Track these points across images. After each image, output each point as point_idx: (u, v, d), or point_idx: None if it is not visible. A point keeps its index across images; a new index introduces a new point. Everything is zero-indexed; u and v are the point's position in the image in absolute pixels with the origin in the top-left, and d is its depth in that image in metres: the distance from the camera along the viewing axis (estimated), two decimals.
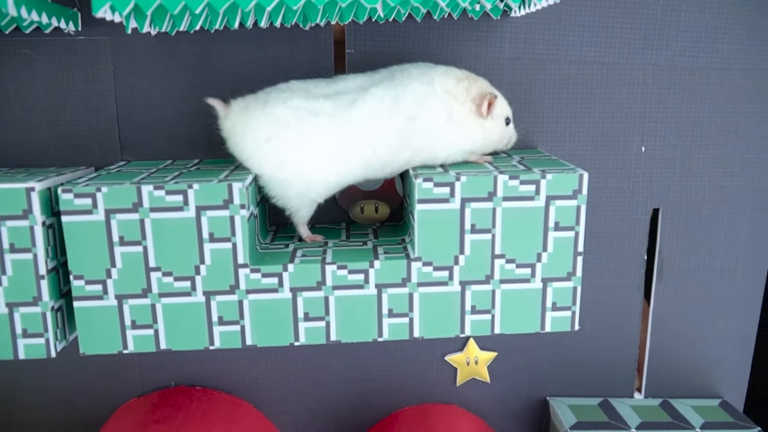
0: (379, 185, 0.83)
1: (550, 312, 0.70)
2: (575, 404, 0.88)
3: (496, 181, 0.66)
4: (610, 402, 0.90)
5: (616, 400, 0.90)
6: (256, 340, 0.69)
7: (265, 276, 0.67)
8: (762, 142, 0.85)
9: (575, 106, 0.81)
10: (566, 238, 0.68)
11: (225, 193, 0.65)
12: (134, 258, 0.66)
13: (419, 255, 0.67)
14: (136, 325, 0.67)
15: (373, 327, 0.69)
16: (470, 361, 0.89)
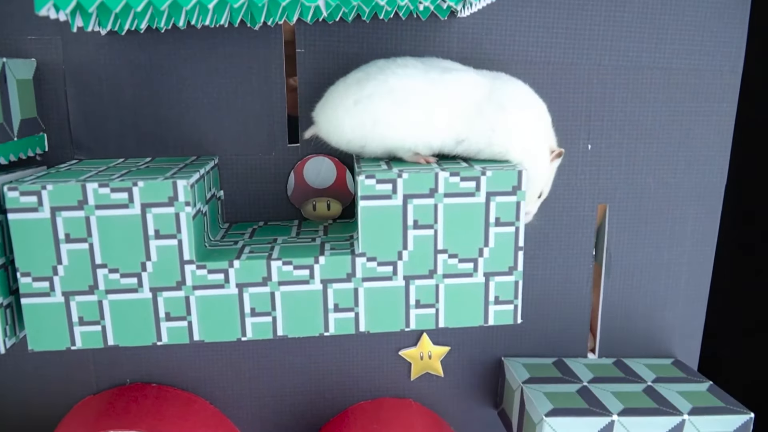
0: (332, 182, 0.84)
1: (493, 305, 0.72)
2: (529, 363, 0.90)
3: (437, 177, 0.67)
4: (564, 360, 0.92)
5: (571, 359, 0.93)
6: (204, 336, 0.70)
7: (211, 272, 0.68)
8: (704, 140, 0.88)
9: None
10: (507, 233, 0.70)
11: (170, 191, 0.66)
12: (80, 255, 0.66)
13: (363, 251, 0.69)
14: (84, 321, 0.68)
15: (320, 322, 0.70)
16: (424, 356, 0.91)
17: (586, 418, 0.76)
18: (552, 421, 0.76)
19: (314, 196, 0.84)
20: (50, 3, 0.58)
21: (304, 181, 0.84)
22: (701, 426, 0.77)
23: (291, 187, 0.84)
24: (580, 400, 0.80)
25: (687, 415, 0.77)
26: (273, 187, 0.84)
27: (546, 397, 0.80)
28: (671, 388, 0.84)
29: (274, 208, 0.85)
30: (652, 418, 0.77)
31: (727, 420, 0.78)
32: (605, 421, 0.76)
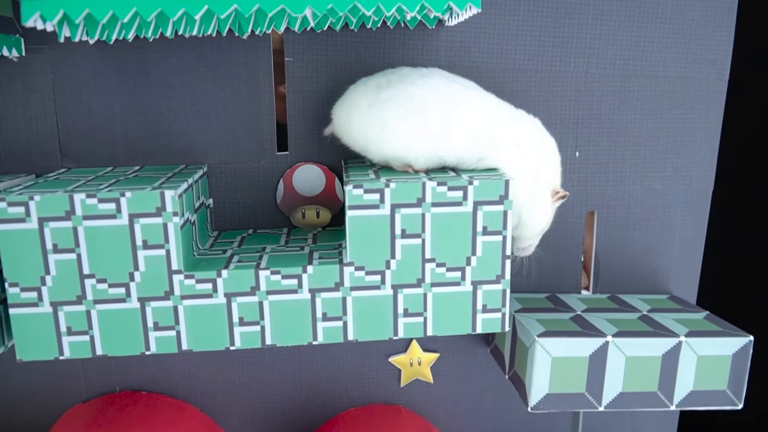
0: (321, 190, 0.84)
1: (481, 314, 0.72)
2: (522, 296, 0.89)
3: (424, 187, 0.68)
4: (557, 295, 0.90)
5: (564, 294, 0.91)
6: (192, 345, 0.70)
7: (200, 282, 0.68)
8: (691, 147, 0.88)
9: None
10: (494, 242, 0.70)
11: (157, 201, 0.66)
12: (68, 265, 0.66)
13: (351, 260, 0.69)
14: (72, 331, 0.68)
15: (308, 331, 0.71)
16: (413, 362, 0.91)
17: (580, 339, 0.74)
18: (544, 342, 0.74)
19: (303, 204, 0.84)
20: (37, 14, 0.59)
21: (294, 189, 0.84)
22: (699, 348, 0.75)
23: (280, 195, 0.84)
24: (573, 325, 0.78)
25: (684, 337, 0.75)
26: (262, 195, 0.84)
27: (538, 323, 0.78)
28: (667, 316, 0.82)
29: (264, 216, 0.85)
30: (648, 339, 0.75)
31: (726, 342, 0.75)
32: (599, 342, 0.74)
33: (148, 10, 0.60)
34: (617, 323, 0.79)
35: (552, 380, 0.75)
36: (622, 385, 0.76)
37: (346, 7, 0.63)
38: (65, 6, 0.60)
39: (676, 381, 0.76)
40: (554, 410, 0.76)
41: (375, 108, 0.71)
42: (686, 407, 0.77)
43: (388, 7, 0.63)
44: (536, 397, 0.76)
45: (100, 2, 0.60)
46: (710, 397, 0.77)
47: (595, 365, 0.75)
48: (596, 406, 0.76)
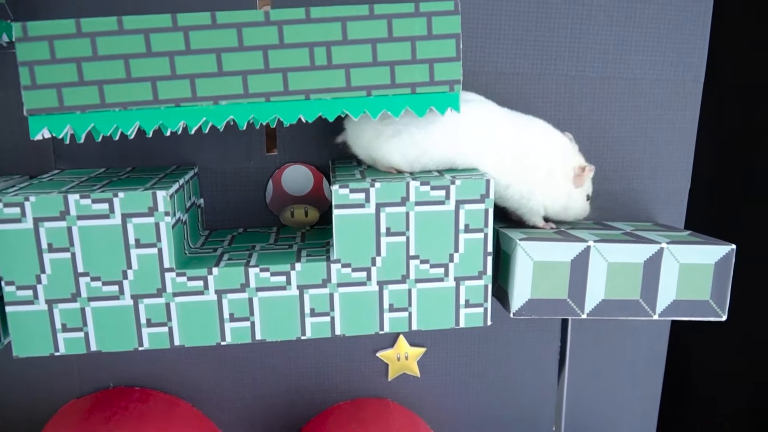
0: (309, 189, 0.86)
1: (464, 309, 0.75)
2: (507, 225, 0.86)
3: (408, 187, 0.70)
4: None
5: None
6: (184, 341, 0.72)
7: (191, 279, 0.70)
8: (668, 147, 0.91)
9: None
10: (476, 239, 0.72)
11: (150, 201, 0.68)
12: (63, 264, 0.68)
13: (338, 257, 0.71)
14: (67, 328, 0.70)
15: (296, 326, 0.73)
16: (400, 357, 0.94)
17: (562, 243, 0.74)
18: (526, 245, 0.74)
19: (292, 203, 0.87)
20: (44, 129, 0.65)
21: (282, 188, 0.86)
22: (680, 255, 0.75)
23: (269, 194, 0.86)
24: (556, 235, 0.78)
25: (666, 244, 0.75)
26: (252, 195, 0.86)
27: (521, 232, 0.78)
28: (651, 233, 0.82)
29: (254, 216, 0.87)
30: (630, 245, 0.74)
31: (708, 251, 0.75)
32: (581, 247, 0.74)
33: (150, 124, 0.67)
34: (600, 235, 0.79)
35: (534, 285, 0.75)
36: (605, 292, 0.76)
37: (335, 114, 0.68)
38: (72, 122, 0.66)
39: (658, 289, 0.76)
40: (536, 316, 0.76)
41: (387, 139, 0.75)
42: (669, 317, 0.77)
43: (375, 113, 0.69)
44: (518, 303, 0.75)
45: (104, 118, 0.66)
46: (693, 307, 0.76)
47: (576, 270, 0.75)
48: (579, 313, 0.76)
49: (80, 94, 0.66)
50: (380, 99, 0.69)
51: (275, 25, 0.66)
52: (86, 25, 0.64)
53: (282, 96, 0.67)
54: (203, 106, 0.67)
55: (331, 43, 0.67)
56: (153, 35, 0.65)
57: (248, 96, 0.67)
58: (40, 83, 0.65)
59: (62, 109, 0.66)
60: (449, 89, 0.69)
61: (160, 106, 0.67)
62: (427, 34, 0.67)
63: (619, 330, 0.97)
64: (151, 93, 0.66)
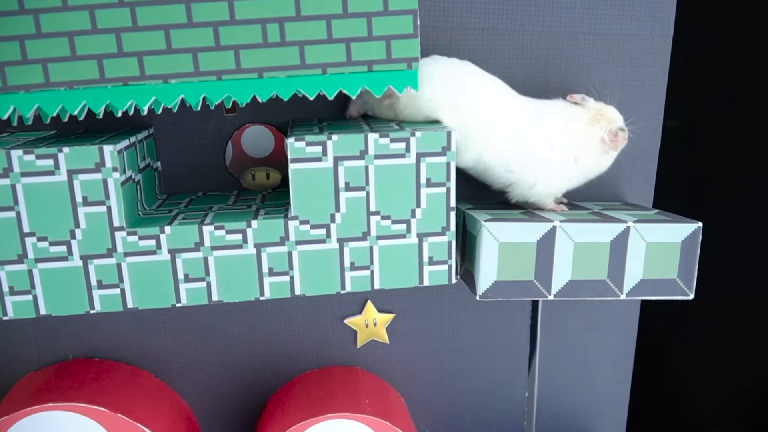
0: (270, 150, 0.84)
1: (428, 266, 0.73)
2: (474, 202, 0.87)
3: (367, 139, 0.68)
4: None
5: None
6: (137, 303, 0.69)
7: (143, 238, 0.68)
8: (638, 104, 0.89)
9: None
10: (438, 194, 0.70)
11: (96, 156, 0.65)
12: (8, 224, 0.66)
13: (296, 214, 0.69)
14: (14, 291, 0.68)
15: (255, 286, 0.71)
16: (369, 323, 0.92)
17: (528, 224, 0.73)
18: (491, 227, 0.72)
19: (253, 166, 0.84)
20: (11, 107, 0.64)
21: (243, 150, 0.84)
22: (647, 234, 0.74)
23: (229, 156, 0.84)
24: (522, 216, 0.77)
25: (632, 223, 0.74)
26: (211, 157, 0.84)
27: (486, 213, 0.77)
28: (618, 212, 0.81)
29: (214, 179, 0.84)
30: (596, 224, 0.74)
31: (675, 229, 0.74)
32: (547, 227, 0.73)
33: (97, 104, 0.66)
34: (567, 215, 0.78)
35: (500, 267, 0.74)
36: (571, 273, 0.75)
37: (290, 93, 0.67)
38: (15, 102, 0.64)
39: (625, 269, 0.75)
40: (503, 298, 0.75)
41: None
42: (636, 296, 0.76)
43: (330, 92, 0.67)
44: (484, 285, 0.74)
45: (50, 97, 0.64)
46: (660, 286, 0.76)
47: (543, 251, 0.74)
48: (545, 294, 0.75)
49: (24, 73, 0.63)
50: (336, 77, 0.67)
51: (225, 0, 0.63)
52: (29, 2, 0.62)
53: (234, 74, 0.66)
54: (152, 84, 0.65)
55: (284, 19, 0.65)
56: (98, 11, 0.63)
57: (199, 74, 0.65)
58: None
59: (6, 89, 0.63)
60: (407, 67, 0.68)
61: (107, 85, 0.65)
62: (383, 9, 0.66)
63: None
64: (98, 71, 0.64)
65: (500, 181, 0.80)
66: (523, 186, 0.79)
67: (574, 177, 0.81)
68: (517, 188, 0.80)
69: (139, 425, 0.77)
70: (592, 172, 0.81)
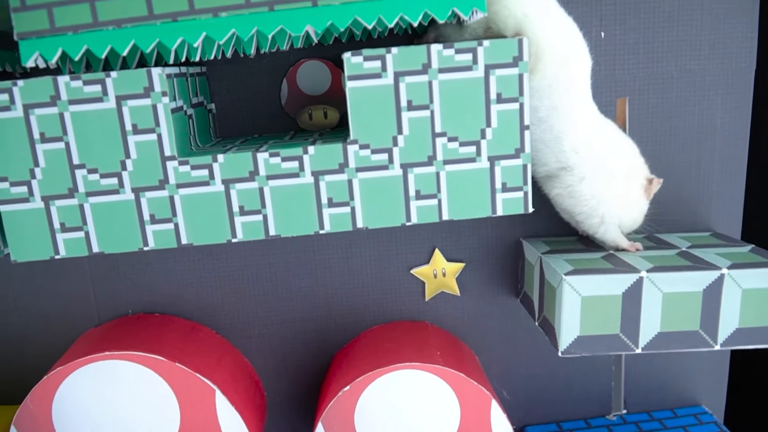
0: (327, 87, 0.79)
1: (500, 193, 0.66)
2: (550, 239, 0.83)
3: (429, 51, 0.62)
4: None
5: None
6: (192, 239, 0.66)
7: (195, 168, 0.64)
8: (729, 21, 0.80)
9: None
10: (510, 110, 0.64)
11: (145, 81, 0.62)
12: (57, 156, 0.63)
13: (355, 137, 0.64)
14: (66, 227, 0.65)
15: (314, 218, 0.66)
16: (437, 274, 0.85)
17: (611, 276, 0.68)
18: (572, 280, 0.68)
19: (309, 104, 0.80)
20: (37, 53, 0.60)
21: (298, 88, 0.79)
22: (743, 280, 0.68)
23: (284, 95, 0.79)
24: (604, 263, 0.71)
25: (726, 269, 0.68)
26: (266, 96, 0.80)
27: (566, 262, 0.72)
28: (709, 251, 0.75)
29: (269, 119, 0.81)
30: (687, 273, 0.68)
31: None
32: (633, 278, 0.68)
33: (147, 42, 0.60)
34: (653, 260, 0.72)
35: (582, 321, 0.69)
36: (660, 325, 0.70)
37: (347, 22, 0.60)
38: (63, 44, 0.60)
39: (719, 318, 0.69)
40: (587, 353, 0.70)
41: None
42: (732, 346, 0.70)
43: (390, 18, 0.61)
44: (566, 341, 0.70)
45: (98, 38, 0.60)
46: (759, 334, 0.70)
47: (629, 303, 0.69)
48: (633, 348, 0.70)
49: (71, 13, 0.60)
50: (396, 1, 0.61)
51: None
52: None
53: (287, 4, 0.60)
54: (202, 18, 0.61)
55: None
56: None
57: (250, 6, 0.60)
58: (29, 4, 0.59)
59: (54, 30, 0.60)
60: None
61: (156, 22, 0.60)
62: None
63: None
64: (146, 8, 0.60)
65: (556, 159, 0.73)
66: (582, 194, 0.73)
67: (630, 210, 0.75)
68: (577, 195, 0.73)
69: (199, 375, 0.73)
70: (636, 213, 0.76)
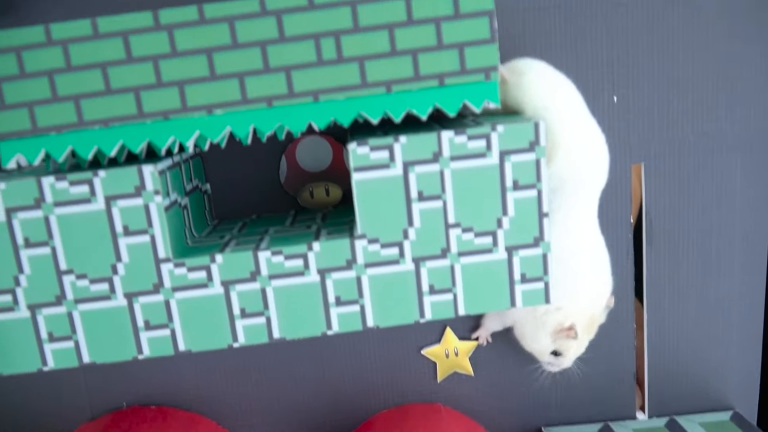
0: (328, 164, 0.75)
1: (520, 285, 0.62)
2: (570, 430, 0.81)
3: (440, 138, 0.58)
4: (610, 427, 0.81)
5: (618, 424, 0.82)
6: (190, 345, 0.61)
7: (192, 270, 0.59)
8: (744, 82, 0.77)
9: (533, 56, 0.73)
10: (528, 198, 0.60)
11: (136, 179, 0.57)
12: (43, 261, 0.58)
13: (363, 232, 0.60)
14: (54, 337, 0.60)
15: (321, 319, 0.61)
16: (449, 353, 0.81)
17: None
18: None
19: (310, 181, 0.75)
20: (18, 155, 0.57)
21: (298, 165, 0.75)
22: None
23: (284, 173, 0.75)
24: None
25: None
26: (264, 174, 0.75)
27: None
28: None
29: (268, 199, 0.76)
30: None
31: None
32: None
33: (136, 142, 0.57)
34: None
35: None
36: None
37: (351, 118, 0.58)
38: (47, 145, 0.57)
39: None
40: None
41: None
42: None
43: (397, 114, 0.58)
44: None
45: (83, 138, 0.57)
46: None
47: None
48: None
49: (55, 112, 0.56)
50: (403, 96, 0.57)
51: (273, 15, 0.55)
52: (57, 31, 0.55)
53: (286, 99, 0.57)
54: (196, 117, 0.57)
55: (340, 33, 0.56)
56: (133, 37, 0.55)
57: (247, 102, 0.57)
58: (9, 102, 0.56)
59: (36, 131, 0.56)
60: (485, 78, 0.57)
61: (146, 120, 0.57)
62: (453, 13, 0.56)
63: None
64: (135, 105, 0.56)
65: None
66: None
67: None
68: None
69: None
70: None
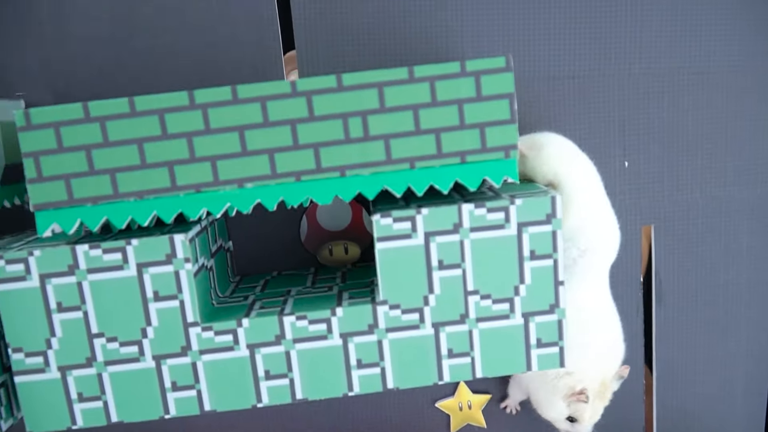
0: (347, 223, 0.77)
1: (536, 349, 0.64)
2: None
3: (460, 210, 0.60)
4: None
5: None
6: (215, 405, 0.63)
7: (219, 334, 0.61)
8: (752, 147, 0.79)
9: (547, 124, 0.76)
10: (544, 267, 0.62)
11: (167, 247, 0.60)
12: (75, 325, 0.60)
13: (385, 298, 0.62)
14: (83, 397, 0.62)
15: (342, 381, 0.63)
16: (463, 406, 0.82)
17: None
18: None
19: (330, 240, 0.78)
20: (54, 224, 0.59)
21: (318, 224, 0.77)
22: None
23: (304, 231, 0.77)
24: None
25: None
26: (285, 233, 0.78)
27: None
28: None
29: (288, 256, 0.78)
30: None
31: None
32: None
33: (169, 214, 0.60)
34: None
35: None
36: None
37: (375, 192, 0.60)
38: (82, 215, 0.59)
39: None
40: None
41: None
42: None
43: (420, 188, 0.60)
44: None
45: (118, 209, 0.59)
46: None
47: None
48: None
49: (91, 184, 0.59)
50: (426, 171, 0.60)
51: (303, 96, 0.58)
52: (95, 109, 0.57)
53: (314, 174, 0.59)
54: (227, 190, 0.59)
55: (367, 113, 0.58)
56: (168, 115, 0.58)
57: (276, 177, 0.59)
58: (46, 175, 0.58)
59: (72, 202, 0.59)
60: (504, 156, 0.60)
61: (179, 193, 0.59)
62: (476, 95, 0.58)
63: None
64: (169, 179, 0.59)
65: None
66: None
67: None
68: None
69: None
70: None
